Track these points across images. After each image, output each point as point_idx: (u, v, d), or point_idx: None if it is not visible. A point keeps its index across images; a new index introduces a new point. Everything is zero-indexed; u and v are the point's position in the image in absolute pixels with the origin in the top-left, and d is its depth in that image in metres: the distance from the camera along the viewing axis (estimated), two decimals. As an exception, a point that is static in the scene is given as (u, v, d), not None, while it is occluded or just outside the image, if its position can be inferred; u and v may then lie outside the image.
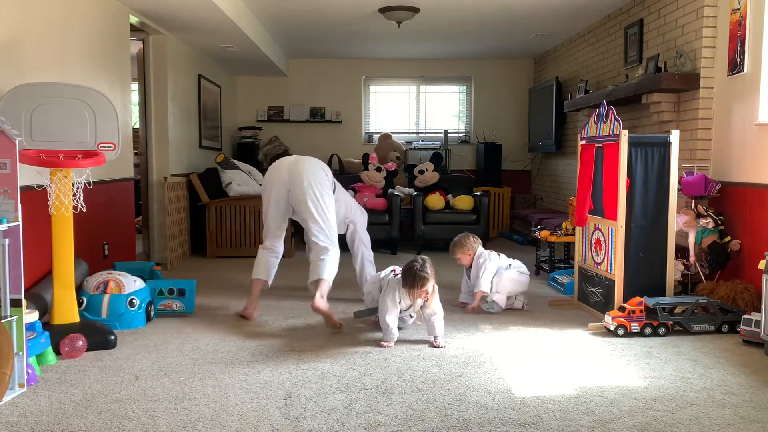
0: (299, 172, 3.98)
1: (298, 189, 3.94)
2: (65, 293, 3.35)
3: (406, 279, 3.37)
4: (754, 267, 3.85)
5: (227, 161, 6.71)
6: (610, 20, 6.19)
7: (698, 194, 4.27)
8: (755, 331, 3.38)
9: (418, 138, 9.09)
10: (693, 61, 4.59)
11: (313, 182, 3.96)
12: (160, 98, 6.05)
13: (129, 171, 5.27)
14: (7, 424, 2.41)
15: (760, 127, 4.03)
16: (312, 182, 3.95)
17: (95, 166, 3.32)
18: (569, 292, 4.63)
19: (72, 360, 3.16)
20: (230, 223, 6.40)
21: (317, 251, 3.95)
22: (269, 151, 8.57)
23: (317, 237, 3.95)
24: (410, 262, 3.42)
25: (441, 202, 6.78)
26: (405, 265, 3.44)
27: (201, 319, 3.97)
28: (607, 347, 3.42)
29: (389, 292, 3.46)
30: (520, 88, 8.93)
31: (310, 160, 4.13)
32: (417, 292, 3.35)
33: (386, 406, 2.58)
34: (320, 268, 3.88)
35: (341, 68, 8.97)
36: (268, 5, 5.97)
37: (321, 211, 3.95)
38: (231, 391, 2.75)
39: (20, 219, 2.76)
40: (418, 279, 3.33)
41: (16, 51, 3.61)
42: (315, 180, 3.98)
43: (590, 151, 4.18)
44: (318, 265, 3.90)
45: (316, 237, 3.95)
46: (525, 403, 2.61)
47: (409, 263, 3.42)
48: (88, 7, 4.48)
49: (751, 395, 2.72)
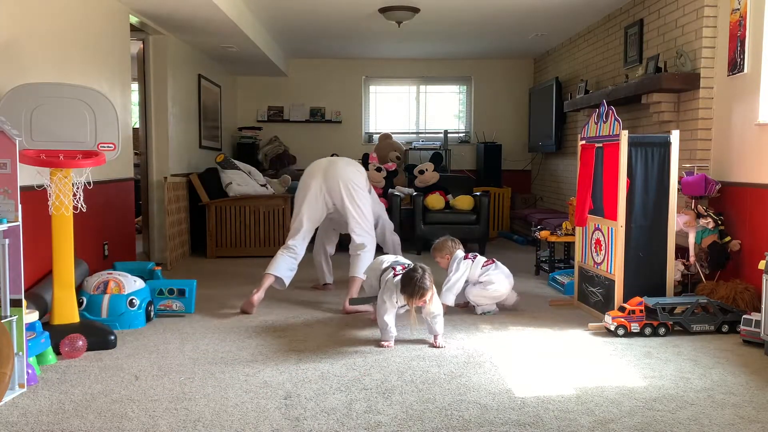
0: (338, 172, 4.34)
1: (336, 187, 4.30)
2: (65, 293, 3.35)
3: (405, 288, 3.34)
4: (754, 267, 3.85)
5: (227, 161, 6.71)
6: (610, 20, 6.19)
7: (698, 194, 4.27)
8: (755, 331, 3.38)
9: (418, 138, 9.09)
10: (693, 61, 4.59)
11: (352, 181, 4.33)
12: (160, 98, 6.05)
13: (129, 171, 5.27)
14: (7, 424, 2.41)
15: (760, 127, 4.03)
16: (350, 181, 4.32)
17: (95, 166, 3.32)
18: (569, 292, 4.63)
19: (72, 360, 3.16)
20: (230, 223, 6.40)
21: (354, 247, 4.32)
22: (269, 151, 8.57)
23: (355, 232, 4.31)
24: (410, 270, 3.39)
25: (441, 202, 6.78)
26: (405, 273, 3.42)
27: (201, 319, 3.97)
28: (607, 347, 3.42)
29: (387, 292, 3.45)
30: (520, 88, 8.94)
31: (348, 161, 4.50)
32: (416, 300, 3.35)
33: (386, 406, 2.58)
34: (355, 265, 4.25)
35: (341, 68, 8.97)
36: (268, 5, 5.97)
37: (358, 209, 4.31)
38: (231, 391, 2.75)
39: (20, 219, 2.77)
40: (417, 290, 3.31)
41: (16, 51, 3.61)
42: (353, 179, 4.35)
43: (590, 151, 4.18)
44: (354, 261, 4.28)
45: (355, 233, 4.32)
46: (525, 403, 2.61)
47: (409, 272, 3.39)
48: (88, 7, 4.48)
49: (751, 395, 2.72)
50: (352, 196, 4.29)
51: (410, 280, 3.33)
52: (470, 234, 6.68)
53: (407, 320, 3.51)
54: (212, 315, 4.09)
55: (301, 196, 4.38)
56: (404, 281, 3.37)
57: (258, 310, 4.16)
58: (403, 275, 3.41)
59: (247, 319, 3.97)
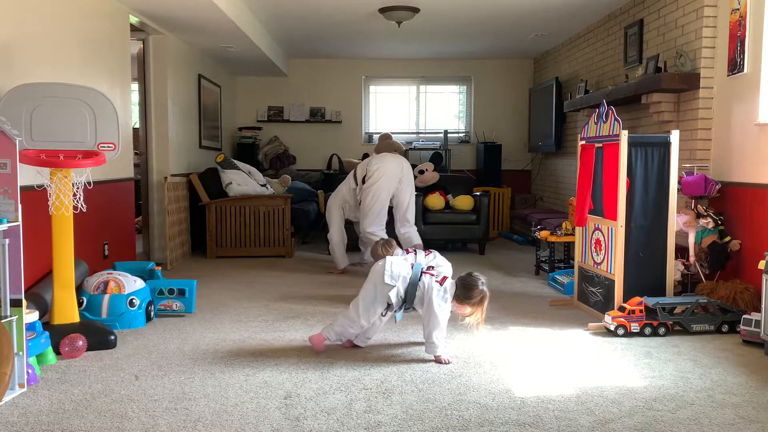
0: (407, 170, 5.49)
1: (408, 184, 5.48)
2: (65, 293, 3.35)
3: (468, 292, 3.14)
4: (754, 267, 3.85)
5: (227, 161, 6.71)
6: (610, 20, 6.19)
7: (698, 194, 4.27)
8: (755, 331, 3.38)
9: (418, 138, 9.09)
10: (693, 61, 4.59)
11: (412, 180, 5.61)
12: (160, 98, 6.05)
13: (129, 171, 5.27)
14: (7, 424, 2.42)
15: (760, 127, 4.03)
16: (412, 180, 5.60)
17: (95, 166, 3.32)
18: (569, 292, 4.63)
19: (72, 360, 3.16)
20: (230, 223, 6.40)
21: (407, 228, 5.53)
22: (269, 151, 8.57)
23: (409, 222, 5.53)
24: (472, 277, 3.18)
25: (441, 202, 6.78)
26: (465, 279, 3.18)
27: (201, 319, 3.97)
28: (607, 347, 3.42)
29: (391, 285, 3.20)
30: (520, 88, 8.93)
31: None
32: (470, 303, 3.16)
33: (386, 406, 2.58)
34: (416, 237, 5.52)
35: (341, 68, 8.97)
36: (268, 5, 5.97)
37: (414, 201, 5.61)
38: (231, 391, 2.75)
39: (20, 219, 2.76)
40: (476, 293, 3.12)
41: (16, 51, 3.61)
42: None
43: (590, 151, 4.18)
44: (412, 234, 5.51)
45: (408, 222, 5.52)
46: (525, 403, 2.61)
47: (471, 278, 3.17)
48: (88, 7, 4.48)
49: (751, 395, 2.72)
50: (413, 193, 5.71)
51: (472, 285, 3.14)
52: (470, 234, 6.69)
53: (401, 320, 3.49)
54: (212, 315, 4.09)
55: (380, 186, 5.36)
56: (466, 285, 3.16)
57: (258, 310, 4.15)
58: (463, 281, 3.19)
59: (247, 319, 3.97)
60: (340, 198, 5.58)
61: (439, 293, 3.18)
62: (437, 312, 3.15)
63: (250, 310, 4.22)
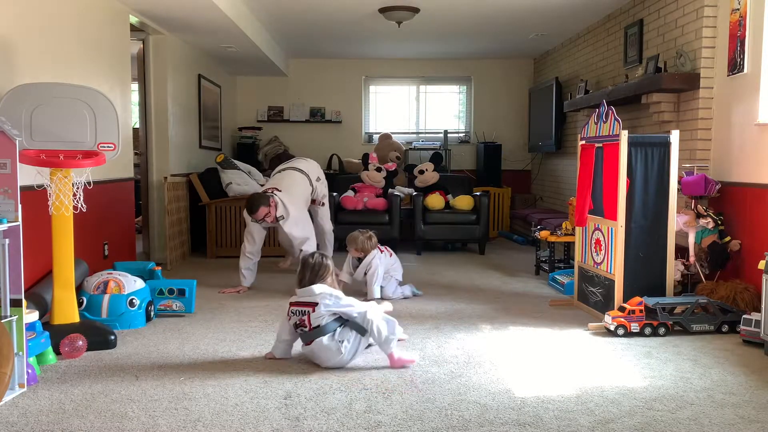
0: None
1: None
2: (65, 293, 3.35)
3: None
4: (754, 267, 3.85)
5: (227, 161, 6.71)
6: (610, 20, 6.19)
7: (698, 194, 4.27)
8: (755, 331, 3.38)
9: (418, 138, 9.09)
10: (693, 61, 4.59)
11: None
12: (160, 98, 6.05)
13: (129, 171, 5.27)
14: (7, 424, 2.42)
15: (760, 127, 4.03)
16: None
17: (95, 166, 3.32)
18: (569, 292, 4.63)
19: (72, 360, 3.16)
20: (230, 223, 6.40)
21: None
22: (269, 151, 8.57)
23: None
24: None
25: (441, 202, 6.78)
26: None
27: (201, 319, 3.97)
28: (607, 347, 3.42)
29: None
30: (520, 88, 8.93)
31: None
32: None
33: (386, 406, 2.58)
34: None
35: (341, 68, 8.97)
36: (268, 5, 5.97)
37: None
38: (231, 391, 2.75)
39: (20, 219, 2.77)
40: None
41: (17, 51, 3.61)
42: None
43: (590, 151, 4.18)
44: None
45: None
46: (525, 403, 2.62)
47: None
48: (88, 7, 4.48)
49: (751, 395, 2.72)
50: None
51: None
52: (470, 234, 6.69)
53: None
54: (212, 315, 4.09)
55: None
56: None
57: (258, 310, 4.15)
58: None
59: (247, 319, 3.97)
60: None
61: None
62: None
63: (250, 310, 4.22)
